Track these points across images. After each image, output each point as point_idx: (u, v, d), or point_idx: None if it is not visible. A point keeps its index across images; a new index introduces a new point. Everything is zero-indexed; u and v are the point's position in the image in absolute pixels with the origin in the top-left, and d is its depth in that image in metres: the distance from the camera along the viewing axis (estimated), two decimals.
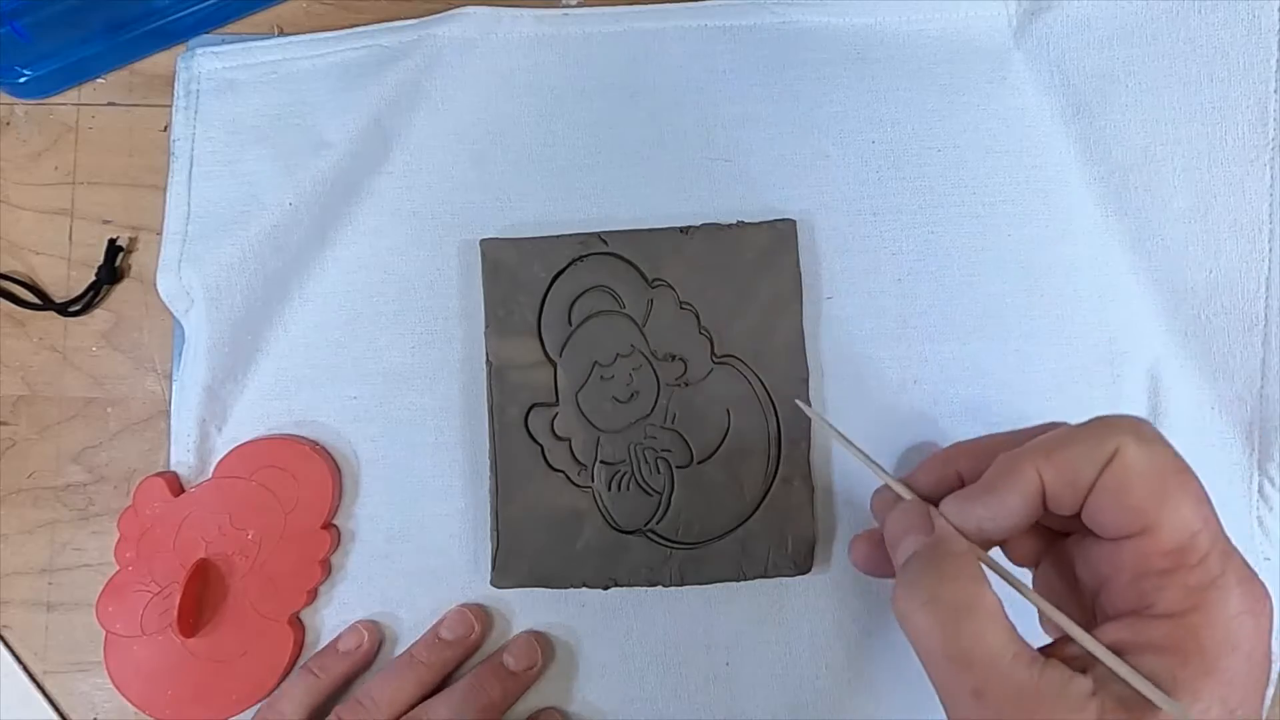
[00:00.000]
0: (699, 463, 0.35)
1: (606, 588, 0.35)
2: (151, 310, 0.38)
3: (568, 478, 0.35)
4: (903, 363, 0.36)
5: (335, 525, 0.36)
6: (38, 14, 0.36)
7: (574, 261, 0.35)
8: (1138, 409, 0.35)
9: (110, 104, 0.40)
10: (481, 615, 0.35)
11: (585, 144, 0.37)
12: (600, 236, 0.35)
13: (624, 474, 0.35)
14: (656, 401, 0.35)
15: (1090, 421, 0.25)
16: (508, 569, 0.35)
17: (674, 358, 0.35)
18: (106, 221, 0.39)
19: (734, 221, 0.36)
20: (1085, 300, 0.36)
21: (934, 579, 0.24)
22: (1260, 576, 0.23)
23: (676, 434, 0.35)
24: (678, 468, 0.35)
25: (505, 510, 0.35)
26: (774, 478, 0.35)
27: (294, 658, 0.35)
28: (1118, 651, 0.22)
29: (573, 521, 0.35)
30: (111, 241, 0.39)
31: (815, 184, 0.36)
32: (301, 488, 0.35)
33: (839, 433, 0.31)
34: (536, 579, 0.35)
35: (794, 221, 0.36)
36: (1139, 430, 0.24)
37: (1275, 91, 0.35)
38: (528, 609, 0.35)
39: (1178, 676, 0.21)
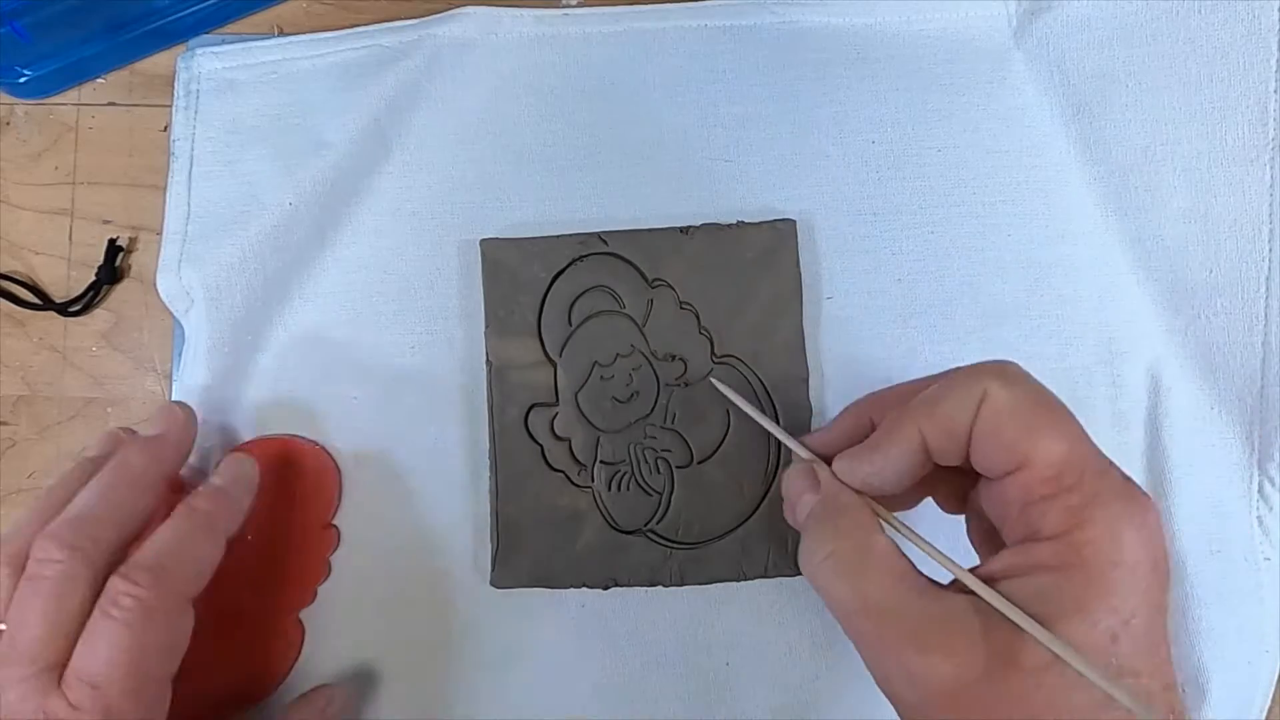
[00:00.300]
0: (699, 463, 0.35)
1: (606, 588, 0.35)
2: (151, 310, 0.38)
3: (568, 478, 0.35)
4: (903, 363, 0.36)
5: (335, 525, 0.36)
6: (38, 14, 0.36)
7: (574, 261, 0.35)
8: (1138, 409, 0.35)
9: (110, 104, 0.40)
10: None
11: (585, 144, 0.37)
12: (600, 236, 0.36)
13: (624, 474, 0.35)
14: (656, 401, 0.35)
15: (957, 371, 0.26)
16: (508, 569, 0.35)
17: (674, 358, 0.35)
18: (106, 221, 0.39)
19: (734, 221, 0.36)
20: (1085, 300, 0.36)
21: (829, 534, 0.26)
22: (1258, 574, 0.23)
23: (676, 434, 0.35)
24: (678, 468, 0.35)
25: (505, 510, 0.35)
26: (774, 478, 0.35)
27: (295, 657, 0.35)
28: (1009, 575, 0.23)
29: (573, 521, 0.35)
30: (111, 241, 0.39)
31: (815, 184, 0.36)
32: (303, 487, 0.35)
33: (743, 404, 0.32)
34: (536, 579, 0.35)
35: (794, 221, 0.36)
36: (1003, 372, 0.25)
37: (1275, 91, 0.35)
38: (528, 609, 0.35)
39: (1065, 591, 0.22)
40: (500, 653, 0.35)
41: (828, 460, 0.29)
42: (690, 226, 0.36)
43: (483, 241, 0.36)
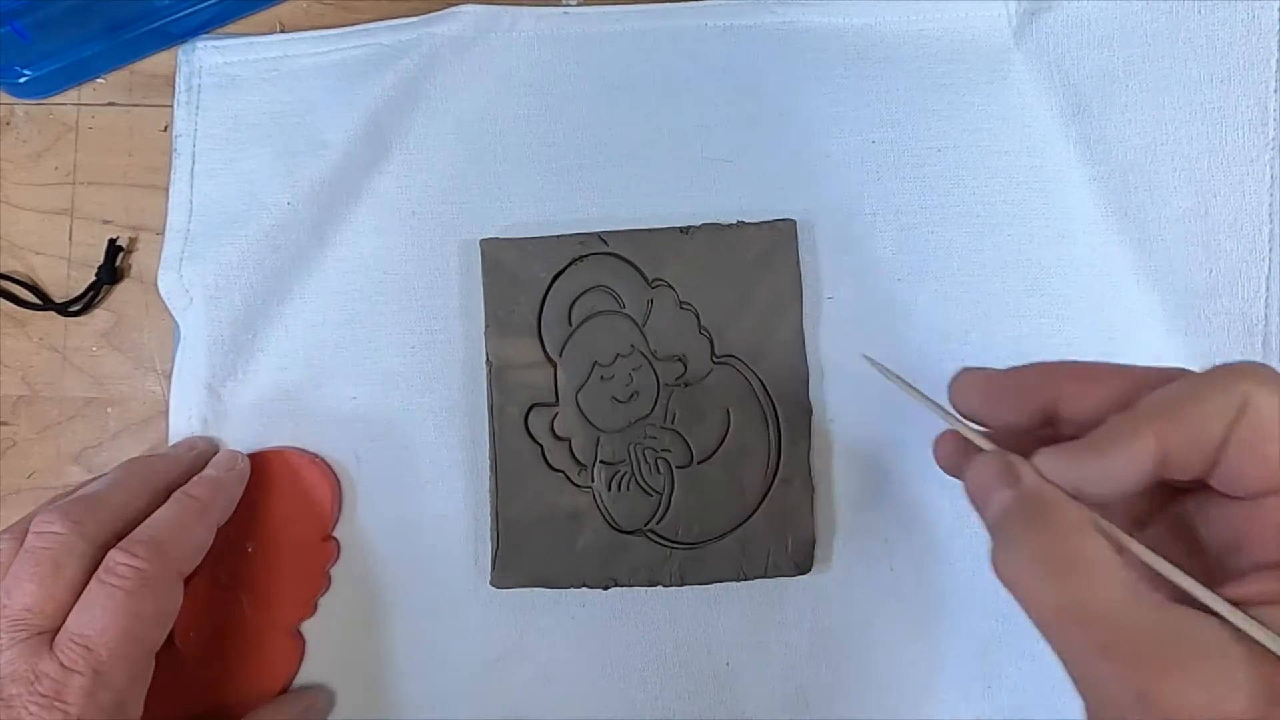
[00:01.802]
0: (699, 463, 0.35)
1: (606, 588, 0.35)
2: (151, 310, 0.38)
3: (568, 478, 0.35)
4: (903, 363, 0.36)
5: (335, 537, 0.36)
6: (38, 14, 0.36)
7: (574, 261, 0.35)
8: None
9: (110, 104, 0.40)
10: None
11: (585, 144, 0.37)
12: (600, 236, 0.35)
13: (624, 474, 0.35)
14: (656, 401, 0.35)
15: (1206, 373, 0.22)
16: (508, 569, 0.35)
17: (674, 358, 0.35)
18: (106, 221, 0.39)
19: (734, 221, 0.36)
20: (1085, 300, 0.36)
21: (1035, 533, 0.22)
22: None
23: (676, 434, 0.35)
24: (678, 468, 0.35)
25: (505, 510, 0.35)
26: (774, 478, 0.35)
27: (295, 669, 0.35)
28: (1266, 602, 0.20)
29: (573, 521, 0.35)
30: (111, 241, 0.39)
31: (815, 184, 0.36)
32: (302, 500, 0.35)
33: (898, 377, 0.29)
34: (536, 579, 0.35)
35: (794, 221, 0.36)
36: (1266, 377, 0.21)
37: (1275, 91, 0.35)
38: (528, 609, 0.35)
39: None
40: (500, 653, 0.35)
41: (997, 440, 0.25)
42: (690, 226, 0.36)
43: (483, 241, 0.36)
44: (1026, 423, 0.25)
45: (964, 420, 0.27)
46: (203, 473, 0.33)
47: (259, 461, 0.35)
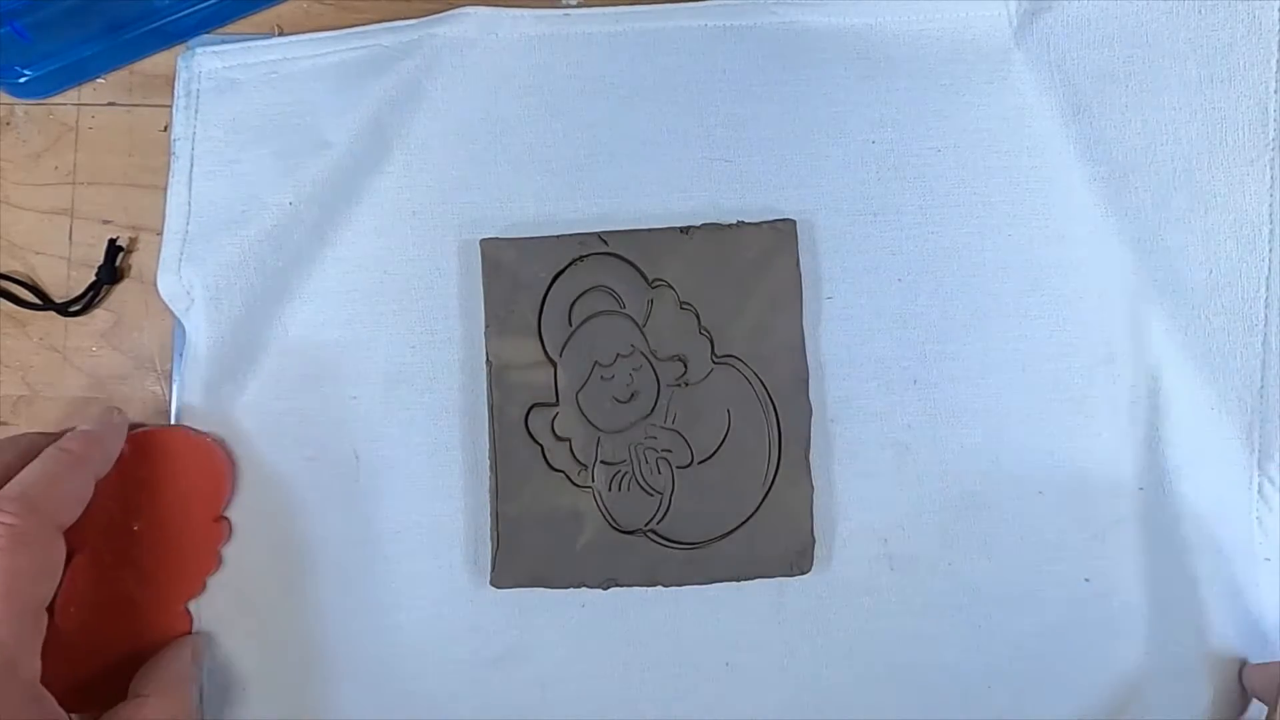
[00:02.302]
0: (699, 463, 0.35)
1: (606, 588, 0.35)
2: (151, 310, 0.38)
3: (568, 478, 0.35)
4: (903, 362, 0.36)
5: (227, 518, 0.36)
6: (38, 14, 0.36)
7: (574, 261, 0.35)
8: (1137, 409, 0.35)
9: (110, 104, 0.40)
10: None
11: (585, 144, 0.37)
12: (600, 236, 0.36)
13: (624, 474, 0.35)
14: (656, 401, 0.35)
15: None
16: (508, 569, 0.35)
17: (674, 358, 0.35)
18: (106, 221, 0.39)
19: (734, 221, 0.36)
20: (1085, 300, 0.36)
21: None
22: (1257, 575, 0.23)
23: (676, 434, 0.35)
24: (678, 468, 0.35)
25: (505, 510, 0.35)
26: (774, 478, 0.35)
27: None
28: None
29: (573, 521, 0.35)
30: (111, 241, 0.39)
31: (815, 184, 0.36)
32: (192, 479, 0.35)
33: None
34: (536, 579, 0.35)
35: (794, 221, 0.36)
36: None
37: (1275, 91, 0.35)
38: (528, 609, 0.35)
39: None
40: (500, 653, 0.35)
41: None
42: (690, 226, 0.36)
43: (483, 241, 0.36)
44: None
45: None
46: (77, 427, 0.33)
47: (148, 440, 0.35)
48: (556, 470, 0.35)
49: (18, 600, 0.28)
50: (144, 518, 0.35)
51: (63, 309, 0.38)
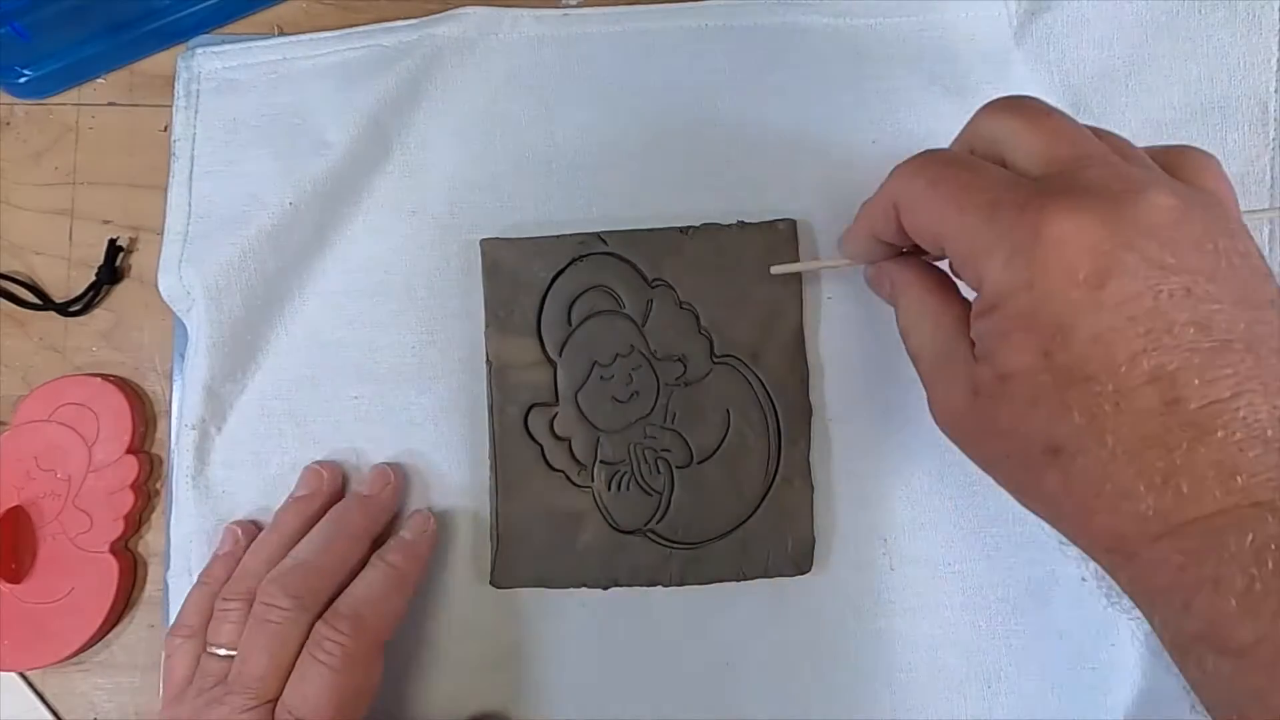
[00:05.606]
0: (699, 463, 0.35)
1: (606, 588, 0.35)
2: (151, 310, 0.38)
3: (568, 478, 0.35)
4: (903, 362, 0.36)
5: (146, 451, 0.37)
6: (38, 14, 0.36)
7: (574, 261, 0.35)
8: None
9: (110, 104, 0.40)
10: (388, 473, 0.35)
11: (585, 144, 0.37)
12: (600, 236, 0.36)
13: (624, 474, 0.35)
14: (656, 401, 0.35)
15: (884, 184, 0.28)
16: (508, 569, 0.35)
17: (674, 358, 0.35)
18: (106, 221, 0.39)
19: (734, 221, 0.36)
20: None
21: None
22: None
23: (676, 434, 0.35)
24: (678, 468, 0.35)
25: (505, 510, 0.35)
26: (774, 478, 0.35)
27: (122, 587, 0.36)
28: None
29: (573, 521, 0.35)
30: (111, 241, 0.39)
31: (815, 184, 0.36)
32: (101, 419, 0.37)
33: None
34: (536, 579, 0.35)
35: (794, 221, 0.36)
36: (902, 171, 0.28)
37: (1275, 91, 0.35)
38: (528, 609, 0.35)
39: None
40: (500, 653, 0.35)
41: None
42: (690, 226, 0.36)
43: (483, 241, 0.36)
44: (903, 244, 0.29)
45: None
46: (400, 536, 0.34)
47: (52, 389, 0.37)
48: (556, 470, 0.35)
49: (343, 715, 0.29)
50: (63, 465, 0.36)
51: (63, 309, 0.38)
